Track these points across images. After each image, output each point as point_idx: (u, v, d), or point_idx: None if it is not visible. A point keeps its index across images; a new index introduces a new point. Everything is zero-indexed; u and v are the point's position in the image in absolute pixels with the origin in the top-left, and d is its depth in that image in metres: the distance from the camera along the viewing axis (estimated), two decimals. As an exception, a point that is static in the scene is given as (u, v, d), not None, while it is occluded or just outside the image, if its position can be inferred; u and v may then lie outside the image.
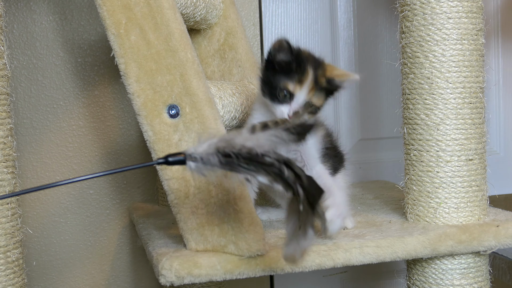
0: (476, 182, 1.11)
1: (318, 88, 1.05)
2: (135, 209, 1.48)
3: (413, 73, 1.11)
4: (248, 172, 0.78)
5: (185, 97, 0.98)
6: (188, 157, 0.78)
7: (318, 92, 1.05)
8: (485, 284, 1.12)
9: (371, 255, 1.02)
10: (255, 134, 0.80)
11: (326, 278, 1.74)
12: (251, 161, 0.77)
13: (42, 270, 1.57)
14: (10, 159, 1.04)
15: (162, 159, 0.78)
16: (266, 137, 0.79)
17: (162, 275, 0.96)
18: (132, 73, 0.99)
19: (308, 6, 1.70)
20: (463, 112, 1.09)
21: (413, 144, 1.12)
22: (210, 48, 1.38)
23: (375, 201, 1.34)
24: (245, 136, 0.78)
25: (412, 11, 1.10)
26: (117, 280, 1.62)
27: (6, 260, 1.03)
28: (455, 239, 1.05)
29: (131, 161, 1.61)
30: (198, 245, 1.00)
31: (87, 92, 1.58)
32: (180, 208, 1.00)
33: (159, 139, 0.99)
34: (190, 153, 0.78)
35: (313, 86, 1.04)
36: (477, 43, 1.10)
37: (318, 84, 1.05)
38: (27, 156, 1.55)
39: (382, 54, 1.74)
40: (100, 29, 1.57)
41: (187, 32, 1.02)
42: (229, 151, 0.77)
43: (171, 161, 0.78)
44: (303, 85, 1.04)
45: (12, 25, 1.53)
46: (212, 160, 0.77)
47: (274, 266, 0.98)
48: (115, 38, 1.00)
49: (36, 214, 1.56)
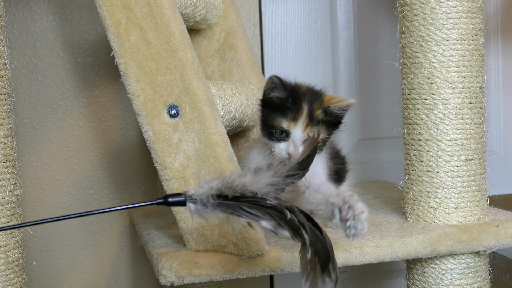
0: (476, 182, 1.11)
1: (316, 122, 1.03)
2: (135, 209, 1.49)
3: (413, 73, 1.11)
4: (250, 216, 0.76)
5: (185, 97, 0.98)
6: (188, 198, 0.76)
7: (315, 126, 1.03)
8: (484, 284, 1.12)
9: (371, 255, 1.02)
10: (258, 175, 0.77)
11: (326, 278, 1.73)
12: (253, 205, 0.75)
13: (42, 270, 1.57)
14: (10, 159, 1.04)
15: (162, 199, 0.76)
16: (268, 179, 0.77)
17: (162, 275, 0.96)
18: (132, 73, 1.00)
19: (308, 6, 1.70)
20: (462, 112, 1.09)
21: (413, 144, 1.12)
22: (210, 48, 1.38)
23: (375, 201, 1.34)
24: (248, 178, 0.76)
25: (412, 11, 1.10)
26: (117, 280, 1.62)
27: (6, 260, 1.03)
28: (455, 239, 1.05)
29: (131, 161, 1.61)
30: (198, 245, 1.00)
31: (87, 92, 1.58)
32: (180, 208, 1.00)
33: (159, 139, 0.99)
34: (190, 194, 0.76)
35: (308, 121, 1.02)
36: (476, 43, 1.10)
37: (313, 118, 1.03)
38: (27, 156, 1.55)
39: (382, 54, 1.74)
40: (100, 29, 1.57)
41: (187, 32, 1.02)
42: (230, 193, 0.75)
43: (170, 202, 0.76)
44: (298, 122, 1.02)
45: (12, 25, 1.53)
46: (212, 202, 0.75)
47: (274, 266, 0.98)
48: (115, 38, 1.00)
49: (36, 214, 1.56)
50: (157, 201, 0.77)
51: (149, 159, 1.56)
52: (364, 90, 1.74)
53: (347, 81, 1.74)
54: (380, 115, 1.75)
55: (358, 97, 1.74)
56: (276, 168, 0.78)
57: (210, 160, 0.97)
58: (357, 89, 1.74)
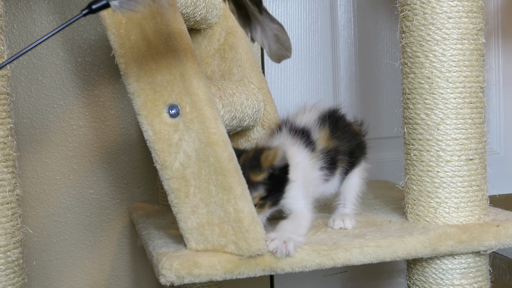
0: (476, 182, 1.11)
1: (255, 187, 1.03)
2: (135, 209, 1.48)
3: (413, 72, 1.11)
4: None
5: (185, 96, 0.98)
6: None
7: (255, 191, 1.03)
8: (485, 284, 1.12)
9: (371, 254, 1.02)
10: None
11: (326, 278, 1.74)
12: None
13: (42, 270, 1.57)
14: (10, 159, 1.04)
15: (86, 9, 0.76)
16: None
17: (162, 274, 0.96)
18: (132, 73, 0.99)
19: (308, 6, 1.70)
20: (463, 112, 1.09)
21: (413, 144, 1.12)
22: (210, 48, 1.38)
23: (375, 201, 1.34)
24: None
25: (412, 10, 1.10)
26: (117, 280, 1.62)
27: (6, 260, 1.03)
28: (455, 239, 1.05)
29: (131, 161, 1.61)
30: (198, 244, 1.00)
31: (87, 91, 1.58)
32: (180, 208, 1.00)
33: (159, 139, 0.99)
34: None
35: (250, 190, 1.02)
36: (477, 43, 1.10)
37: (253, 184, 1.03)
38: (27, 156, 1.55)
39: (382, 54, 1.74)
40: (100, 29, 1.57)
41: (187, 32, 1.02)
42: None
43: (94, 8, 0.76)
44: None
45: (12, 25, 1.53)
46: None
47: (274, 266, 0.98)
48: (116, 38, 1.00)
49: (36, 214, 1.56)
50: (82, 12, 0.77)
51: (149, 159, 1.56)
52: (364, 90, 1.74)
53: (347, 81, 1.74)
54: (380, 115, 1.75)
55: (358, 97, 1.74)
56: None
57: (210, 159, 0.97)
58: (357, 89, 1.74)
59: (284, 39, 0.91)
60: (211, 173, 0.97)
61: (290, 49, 0.93)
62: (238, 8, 0.86)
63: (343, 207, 1.17)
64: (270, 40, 0.90)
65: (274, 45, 0.91)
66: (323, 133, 1.14)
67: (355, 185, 1.19)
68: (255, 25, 0.88)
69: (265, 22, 0.88)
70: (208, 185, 0.98)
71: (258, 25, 0.88)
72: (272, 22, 0.89)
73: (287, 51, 0.92)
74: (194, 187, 0.99)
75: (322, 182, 1.14)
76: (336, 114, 1.18)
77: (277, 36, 0.90)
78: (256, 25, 0.88)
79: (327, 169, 1.13)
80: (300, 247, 0.99)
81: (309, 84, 1.72)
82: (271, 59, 0.93)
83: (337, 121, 1.17)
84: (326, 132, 1.14)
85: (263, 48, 0.91)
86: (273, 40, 0.90)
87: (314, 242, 1.02)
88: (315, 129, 1.14)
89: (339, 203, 1.18)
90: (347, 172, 1.18)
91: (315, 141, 1.13)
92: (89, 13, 0.77)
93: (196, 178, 0.98)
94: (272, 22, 0.89)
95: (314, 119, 1.15)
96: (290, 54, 0.93)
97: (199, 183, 0.98)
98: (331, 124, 1.15)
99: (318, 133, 1.14)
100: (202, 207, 0.99)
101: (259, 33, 0.89)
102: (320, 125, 1.14)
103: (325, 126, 1.15)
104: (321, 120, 1.15)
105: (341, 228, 1.11)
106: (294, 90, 1.72)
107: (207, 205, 0.98)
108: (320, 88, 1.73)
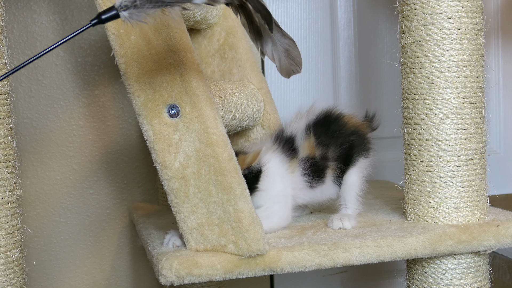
0: (476, 181, 1.11)
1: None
2: (135, 209, 1.48)
3: (413, 72, 1.11)
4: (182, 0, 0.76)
5: (185, 96, 0.98)
6: (119, 8, 0.75)
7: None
8: (485, 284, 1.12)
9: (371, 254, 1.02)
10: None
11: (326, 277, 1.74)
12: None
13: (42, 270, 1.57)
14: (10, 159, 1.04)
15: (96, 19, 0.76)
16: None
17: (162, 274, 0.96)
18: (132, 73, 0.99)
19: (308, 6, 1.70)
20: (463, 112, 1.09)
21: (413, 144, 1.12)
22: (210, 48, 1.38)
23: (375, 201, 1.34)
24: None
25: (412, 10, 1.10)
26: (117, 280, 1.62)
27: (6, 260, 1.03)
28: (455, 239, 1.05)
29: (131, 161, 1.61)
30: (198, 244, 1.00)
31: (87, 92, 1.58)
32: (180, 208, 1.00)
33: (159, 139, 0.99)
34: (119, 3, 0.75)
35: None
36: (477, 43, 1.10)
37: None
38: (27, 156, 1.55)
39: (382, 54, 1.74)
40: (100, 29, 1.57)
41: (187, 32, 1.02)
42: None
43: (104, 19, 0.76)
44: None
45: (12, 25, 1.53)
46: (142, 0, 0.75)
47: (274, 266, 0.98)
48: (115, 38, 1.00)
49: (36, 214, 1.56)
50: (92, 22, 0.77)
51: (149, 159, 1.56)
52: (364, 90, 1.74)
53: (347, 81, 1.74)
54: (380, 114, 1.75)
55: (358, 97, 1.74)
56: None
57: (210, 159, 0.97)
58: (357, 89, 1.74)
59: (295, 54, 0.91)
60: (211, 173, 0.97)
61: (301, 64, 0.93)
62: (250, 22, 0.86)
63: (345, 208, 1.17)
64: (280, 55, 0.90)
65: (284, 60, 0.91)
66: (308, 141, 1.14)
67: (353, 185, 1.17)
68: (266, 39, 0.88)
69: (276, 37, 0.88)
70: (208, 185, 0.98)
71: (269, 39, 0.88)
72: (284, 37, 0.89)
73: (297, 66, 0.93)
74: (194, 187, 0.99)
75: (306, 188, 1.14)
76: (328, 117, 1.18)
77: (288, 51, 0.90)
78: (267, 39, 0.88)
79: (311, 176, 1.13)
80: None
81: (309, 84, 1.72)
82: (281, 74, 0.93)
83: (327, 126, 1.16)
84: (311, 140, 1.15)
85: (274, 62, 0.91)
86: (284, 55, 0.90)
87: (314, 242, 1.02)
88: (301, 137, 1.15)
89: (341, 204, 1.18)
90: (342, 176, 1.17)
91: (297, 148, 1.13)
92: (99, 23, 0.77)
93: (196, 178, 0.98)
94: (284, 37, 0.89)
95: (302, 126, 1.16)
96: (301, 69, 0.93)
97: (199, 183, 0.98)
98: (317, 131, 1.15)
99: (303, 140, 1.14)
100: (202, 207, 0.99)
101: (270, 48, 0.89)
102: (306, 133, 1.15)
103: (311, 134, 1.15)
104: (307, 128, 1.15)
105: (340, 228, 1.11)
106: (294, 90, 1.72)
107: (207, 205, 0.98)
108: (320, 88, 1.73)
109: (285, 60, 0.91)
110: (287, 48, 0.90)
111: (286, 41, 0.89)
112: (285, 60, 0.92)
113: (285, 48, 0.90)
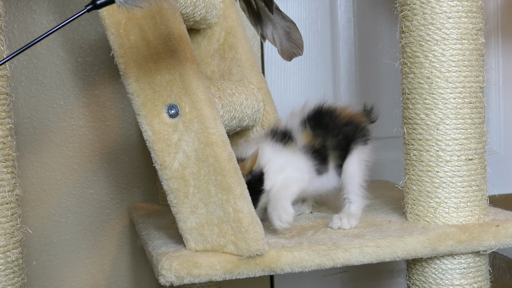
0: (476, 181, 1.11)
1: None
2: (135, 209, 1.48)
3: (413, 72, 1.11)
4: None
5: (184, 96, 0.98)
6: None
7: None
8: (485, 284, 1.12)
9: (371, 255, 1.02)
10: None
11: (326, 278, 1.74)
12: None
13: (42, 270, 1.57)
14: (10, 159, 1.04)
15: (91, 5, 0.75)
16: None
17: (161, 275, 0.96)
18: (131, 73, 0.99)
19: (308, 6, 1.70)
20: (463, 111, 1.09)
21: (413, 144, 1.12)
22: (210, 48, 1.38)
23: (375, 201, 1.34)
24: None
25: (412, 10, 1.10)
26: (117, 280, 1.62)
27: (5, 260, 1.03)
28: (455, 239, 1.05)
29: (131, 161, 1.61)
30: (198, 245, 1.00)
31: (87, 92, 1.58)
32: (179, 208, 1.00)
33: (159, 139, 0.99)
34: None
35: None
36: (477, 43, 1.10)
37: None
38: (27, 156, 1.55)
39: (382, 54, 1.74)
40: (100, 29, 1.57)
41: (186, 32, 1.02)
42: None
43: (99, 4, 0.75)
44: None
45: (12, 25, 1.53)
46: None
47: (274, 266, 0.98)
48: (115, 38, 1.00)
49: (36, 214, 1.56)
50: (87, 8, 0.76)
51: (149, 159, 1.56)
52: (364, 90, 1.74)
53: (347, 81, 1.74)
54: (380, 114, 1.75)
55: (358, 97, 1.74)
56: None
57: (209, 159, 0.97)
58: (357, 89, 1.74)
59: (296, 36, 0.90)
60: (211, 173, 0.97)
61: (302, 47, 0.92)
62: (249, 6, 0.85)
63: (349, 203, 1.17)
64: (281, 38, 0.89)
65: (285, 43, 0.90)
66: (305, 133, 1.16)
67: (354, 173, 1.17)
68: (266, 22, 0.87)
69: (276, 20, 0.88)
70: (208, 185, 0.98)
71: (270, 22, 0.87)
72: (284, 20, 0.88)
73: (299, 48, 0.92)
74: (193, 187, 0.99)
75: (315, 175, 1.15)
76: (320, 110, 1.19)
77: (289, 34, 0.90)
78: (267, 22, 0.87)
79: (316, 160, 1.15)
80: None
81: (309, 84, 1.72)
82: (282, 57, 0.92)
83: (321, 119, 1.18)
84: (308, 132, 1.16)
85: (275, 46, 0.91)
86: (285, 37, 0.90)
87: (314, 242, 1.02)
88: (297, 130, 1.16)
89: (345, 197, 1.17)
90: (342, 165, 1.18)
91: (293, 137, 1.15)
92: (93, 8, 0.76)
93: (196, 178, 0.98)
94: (284, 20, 0.88)
95: (297, 122, 1.18)
96: (302, 51, 0.92)
97: (199, 183, 0.98)
98: (312, 125, 1.17)
99: (300, 133, 1.16)
100: (202, 207, 0.99)
101: (270, 31, 0.89)
102: (302, 127, 1.17)
103: (307, 127, 1.17)
104: (302, 122, 1.17)
105: (339, 228, 1.11)
106: (294, 90, 1.72)
107: (207, 205, 0.98)
108: (320, 88, 1.73)
109: (286, 43, 0.91)
110: (288, 31, 0.90)
111: (287, 23, 0.89)
112: (286, 43, 0.91)
113: (286, 31, 0.89)
